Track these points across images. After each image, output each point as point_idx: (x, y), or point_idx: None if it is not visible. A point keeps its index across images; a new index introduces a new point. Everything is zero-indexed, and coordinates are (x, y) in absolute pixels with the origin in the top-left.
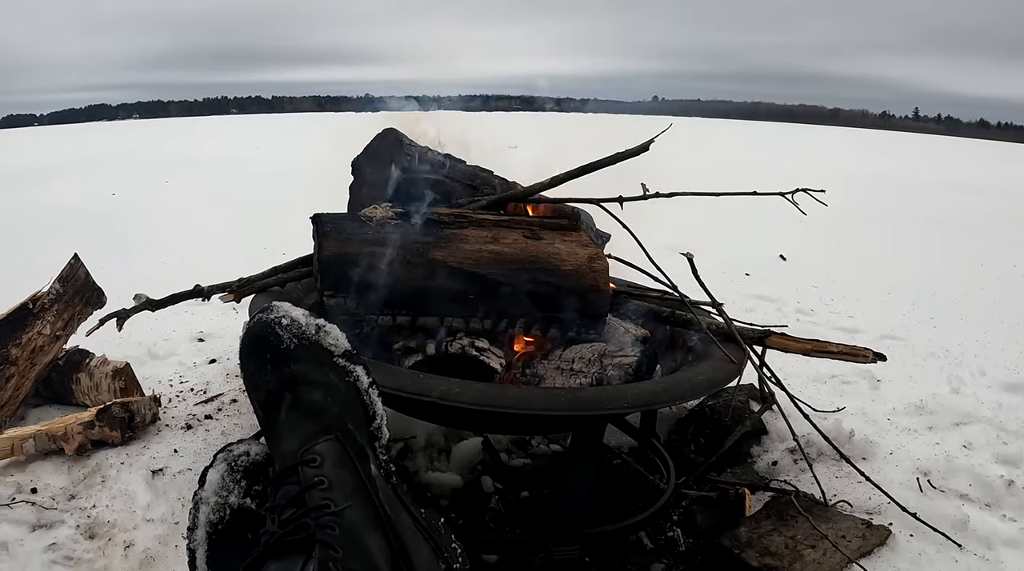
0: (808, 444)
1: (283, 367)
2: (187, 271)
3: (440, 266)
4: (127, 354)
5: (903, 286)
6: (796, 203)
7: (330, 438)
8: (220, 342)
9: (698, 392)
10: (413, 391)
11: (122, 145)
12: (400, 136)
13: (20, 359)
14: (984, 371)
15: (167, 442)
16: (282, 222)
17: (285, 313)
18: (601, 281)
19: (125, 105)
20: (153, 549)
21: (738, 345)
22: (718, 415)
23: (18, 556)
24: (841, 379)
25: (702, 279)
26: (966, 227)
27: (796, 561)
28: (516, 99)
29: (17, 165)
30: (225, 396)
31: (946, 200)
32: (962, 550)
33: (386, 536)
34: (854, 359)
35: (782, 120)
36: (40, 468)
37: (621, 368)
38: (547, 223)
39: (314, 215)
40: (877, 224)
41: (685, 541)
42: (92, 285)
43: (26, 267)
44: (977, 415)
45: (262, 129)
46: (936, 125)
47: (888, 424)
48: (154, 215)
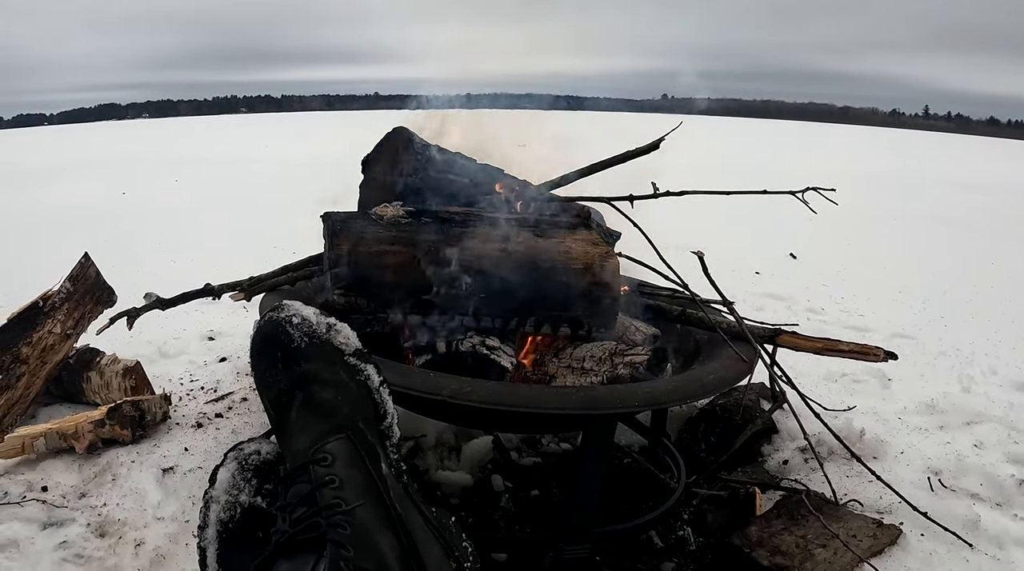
0: (819, 443)
1: (294, 366)
2: (197, 270)
3: (450, 265)
4: (137, 353)
5: (913, 285)
6: (806, 202)
7: (341, 437)
8: (230, 341)
9: (709, 391)
10: (424, 390)
11: (132, 144)
12: (410, 135)
13: (31, 358)
14: (995, 370)
15: (178, 440)
16: (292, 221)
17: (296, 312)
18: (612, 280)
19: (135, 104)
20: (164, 547)
21: (749, 344)
22: (729, 414)
23: (29, 554)
24: (852, 378)
25: (712, 277)
26: (976, 226)
27: (807, 560)
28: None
29: (27, 165)
30: (236, 394)
31: (956, 198)
32: (973, 550)
33: (397, 535)
34: (865, 358)
35: (792, 118)
36: (51, 466)
37: (632, 367)
38: (557, 222)
39: (324, 214)
40: (887, 223)
41: (695, 540)
42: (102, 284)
43: (37, 266)
44: (988, 414)
45: (272, 128)
46: (947, 123)
47: (899, 423)
48: (164, 214)
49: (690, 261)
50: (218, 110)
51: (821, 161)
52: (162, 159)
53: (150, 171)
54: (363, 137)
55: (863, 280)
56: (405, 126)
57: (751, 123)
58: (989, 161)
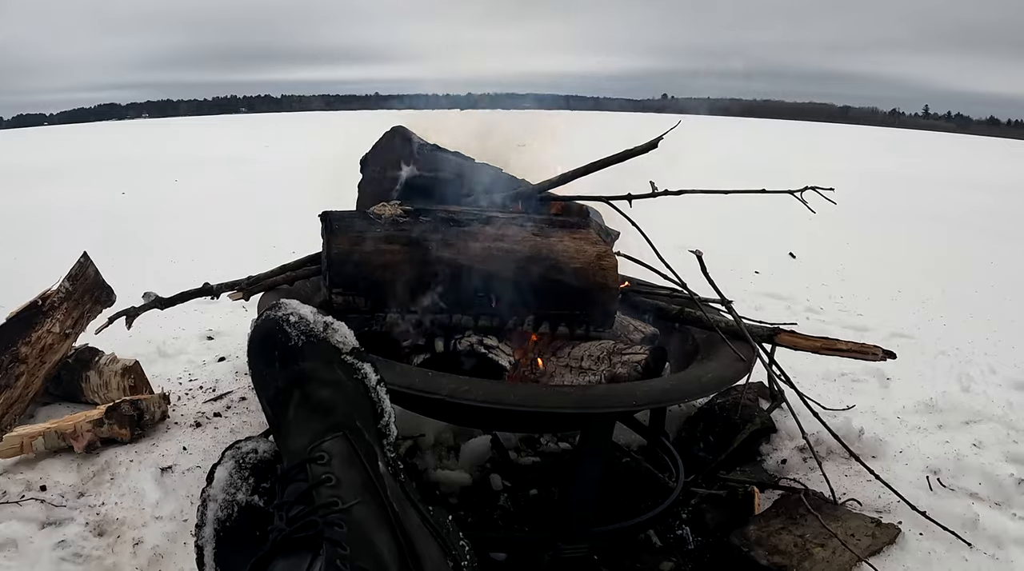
0: (817, 442)
1: (291, 364)
2: (196, 269)
3: (448, 264)
4: (136, 352)
5: (912, 284)
6: (805, 201)
7: (338, 436)
8: (229, 340)
9: (707, 390)
10: (422, 389)
11: (131, 144)
12: (408, 134)
13: (30, 357)
14: (994, 369)
15: (176, 440)
16: (291, 220)
17: (293, 310)
18: (610, 279)
19: (135, 104)
20: (162, 546)
21: (747, 343)
22: (727, 413)
23: (27, 553)
24: (851, 377)
25: (711, 277)
26: (975, 225)
27: (805, 559)
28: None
29: (27, 164)
30: (234, 394)
31: (956, 198)
32: (972, 549)
33: (394, 534)
34: (864, 357)
35: (792, 118)
36: (49, 466)
37: (630, 366)
38: (556, 221)
39: (323, 213)
40: (886, 222)
41: (694, 539)
42: (101, 283)
43: (36, 265)
44: (987, 414)
45: (271, 128)
46: (946, 123)
47: (898, 422)
48: (163, 214)
49: (689, 260)
50: (218, 110)
51: (820, 160)
52: (162, 159)
53: (150, 171)
54: (362, 136)
55: (862, 279)
56: (403, 125)
57: (750, 123)
58: (991, 160)
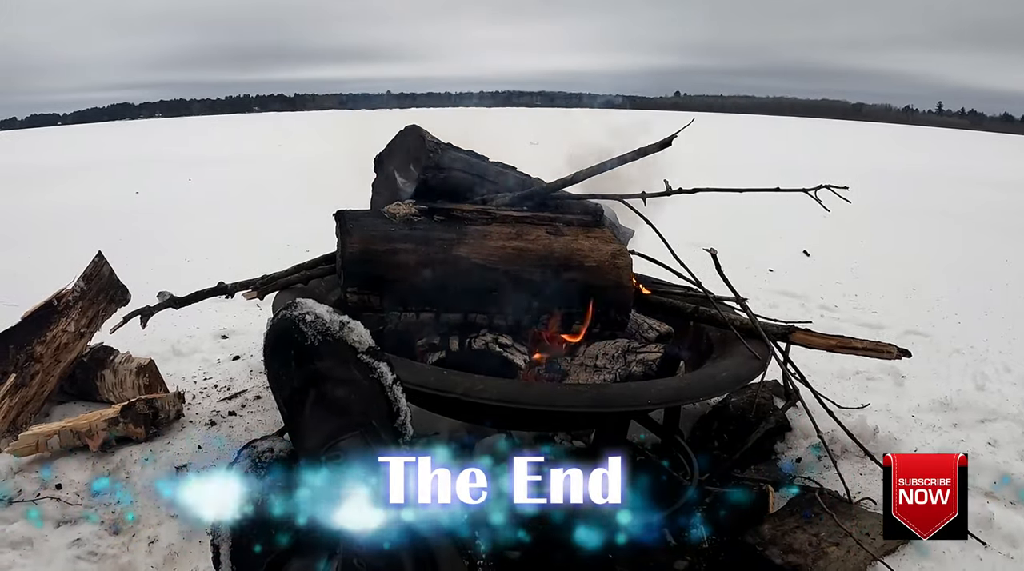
0: (832, 441)
1: (307, 364)
2: (210, 268)
3: (463, 262)
4: (151, 351)
5: (927, 282)
6: (819, 199)
7: (354, 434)
8: (244, 339)
9: (722, 388)
10: (437, 387)
11: (145, 144)
12: (422, 133)
13: (45, 356)
14: (1009, 368)
15: (191, 438)
16: (305, 219)
17: (309, 310)
18: (624, 277)
19: (148, 104)
20: (177, 545)
21: (762, 341)
22: (742, 412)
23: (43, 551)
24: (865, 375)
25: (726, 275)
26: (989, 222)
27: (820, 558)
28: (537, 95)
29: (40, 164)
30: (249, 392)
31: (970, 195)
32: (987, 548)
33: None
34: (878, 355)
35: (805, 115)
36: (65, 464)
37: (645, 364)
38: (570, 219)
39: (337, 212)
40: (900, 220)
41: (708, 538)
42: (116, 282)
43: (50, 265)
44: (1002, 412)
45: (285, 127)
46: (960, 119)
47: (912, 421)
48: (177, 213)
49: (703, 259)
50: (231, 109)
51: (834, 158)
52: (175, 158)
53: (163, 170)
54: (376, 135)
55: (877, 277)
56: (417, 124)
57: (763, 120)
58: (1005, 157)
